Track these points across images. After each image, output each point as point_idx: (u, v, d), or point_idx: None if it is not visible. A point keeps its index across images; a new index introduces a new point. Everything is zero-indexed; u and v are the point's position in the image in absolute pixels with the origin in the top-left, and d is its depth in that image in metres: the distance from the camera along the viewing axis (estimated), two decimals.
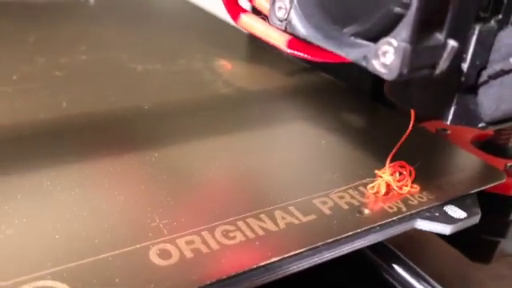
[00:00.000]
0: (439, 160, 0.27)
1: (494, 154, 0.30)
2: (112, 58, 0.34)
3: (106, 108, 0.28)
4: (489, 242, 0.29)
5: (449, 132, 0.31)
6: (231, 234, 0.19)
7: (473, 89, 0.17)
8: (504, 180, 0.25)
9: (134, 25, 0.41)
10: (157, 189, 0.21)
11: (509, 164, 0.29)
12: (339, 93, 0.34)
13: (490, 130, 0.31)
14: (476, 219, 0.22)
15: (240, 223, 0.20)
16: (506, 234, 0.29)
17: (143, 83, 0.31)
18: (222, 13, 0.44)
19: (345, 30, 0.17)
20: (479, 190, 0.24)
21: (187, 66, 0.34)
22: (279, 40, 0.20)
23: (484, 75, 0.17)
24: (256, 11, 0.21)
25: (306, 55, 0.20)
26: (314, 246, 0.19)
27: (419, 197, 0.23)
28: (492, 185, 0.25)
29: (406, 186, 0.23)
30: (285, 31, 0.19)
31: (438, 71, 0.16)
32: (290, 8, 0.18)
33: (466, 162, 0.27)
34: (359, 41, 0.17)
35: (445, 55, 0.15)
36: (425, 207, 0.22)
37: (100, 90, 0.30)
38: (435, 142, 0.29)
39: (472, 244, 0.29)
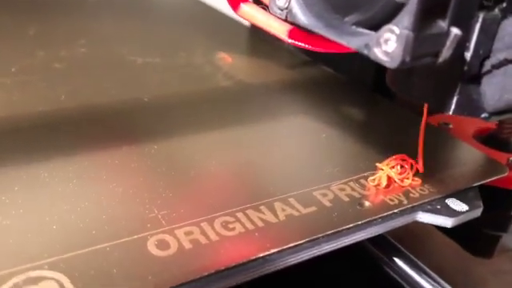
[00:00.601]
0: (441, 153, 0.26)
1: (496, 147, 0.29)
2: (112, 51, 0.34)
3: (106, 100, 0.28)
4: (490, 236, 0.29)
5: (451, 126, 0.31)
6: (230, 226, 0.19)
7: (476, 78, 0.17)
8: (506, 174, 0.25)
9: (133, 18, 0.41)
10: (156, 181, 0.21)
11: (511, 158, 0.28)
12: (340, 86, 0.34)
13: (492, 124, 0.31)
14: (478, 212, 0.22)
15: (239, 215, 0.19)
16: (508, 228, 0.29)
17: (143, 76, 0.31)
18: (222, 5, 0.44)
19: (346, 19, 0.17)
20: (481, 183, 0.24)
21: (187, 59, 0.34)
22: (280, 30, 0.20)
23: (487, 64, 0.17)
24: (256, 0, 0.21)
25: (306, 45, 0.20)
26: (313, 237, 0.19)
27: (421, 189, 0.22)
28: (494, 178, 0.25)
29: (408, 178, 0.23)
30: (285, 20, 0.18)
31: (440, 59, 0.15)
32: None
33: (468, 155, 0.27)
34: (361, 29, 0.16)
35: (448, 43, 0.15)
36: (426, 200, 0.22)
37: (99, 82, 0.29)
38: (437, 136, 0.28)
39: (473, 238, 0.29)
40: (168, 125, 0.26)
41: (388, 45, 0.15)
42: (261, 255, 0.17)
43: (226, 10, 0.43)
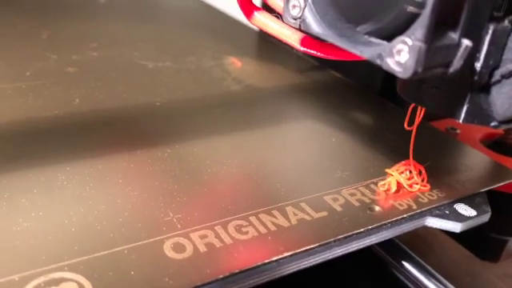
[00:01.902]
0: (449, 159, 0.27)
1: (503, 153, 0.30)
2: (123, 55, 0.34)
3: (119, 104, 0.28)
4: (497, 240, 0.29)
5: (458, 131, 0.32)
6: (244, 229, 0.19)
7: (485, 88, 0.17)
8: None
9: (143, 22, 0.42)
10: (170, 184, 0.21)
11: None
12: (348, 90, 0.34)
13: (500, 130, 0.31)
14: (486, 217, 0.23)
15: (252, 218, 0.20)
16: None
17: (154, 80, 0.31)
18: (232, 10, 0.44)
19: (358, 29, 0.17)
20: (489, 188, 0.24)
21: (197, 64, 0.34)
22: (293, 38, 0.21)
23: (497, 74, 0.17)
24: (267, 8, 0.22)
25: (319, 53, 0.20)
26: (325, 241, 0.19)
27: (429, 195, 0.23)
28: (502, 184, 0.25)
29: (417, 184, 0.23)
30: (299, 29, 0.19)
31: (451, 70, 0.16)
32: (305, 6, 0.18)
33: (476, 160, 0.27)
34: (373, 39, 0.17)
35: (459, 54, 0.15)
36: (435, 205, 0.22)
37: (112, 86, 0.30)
38: (445, 141, 0.29)
39: (480, 242, 0.29)
40: (180, 129, 0.27)
41: (401, 55, 0.15)
42: (274, 258, 0.18)
43: (235, 14, 0.43)
